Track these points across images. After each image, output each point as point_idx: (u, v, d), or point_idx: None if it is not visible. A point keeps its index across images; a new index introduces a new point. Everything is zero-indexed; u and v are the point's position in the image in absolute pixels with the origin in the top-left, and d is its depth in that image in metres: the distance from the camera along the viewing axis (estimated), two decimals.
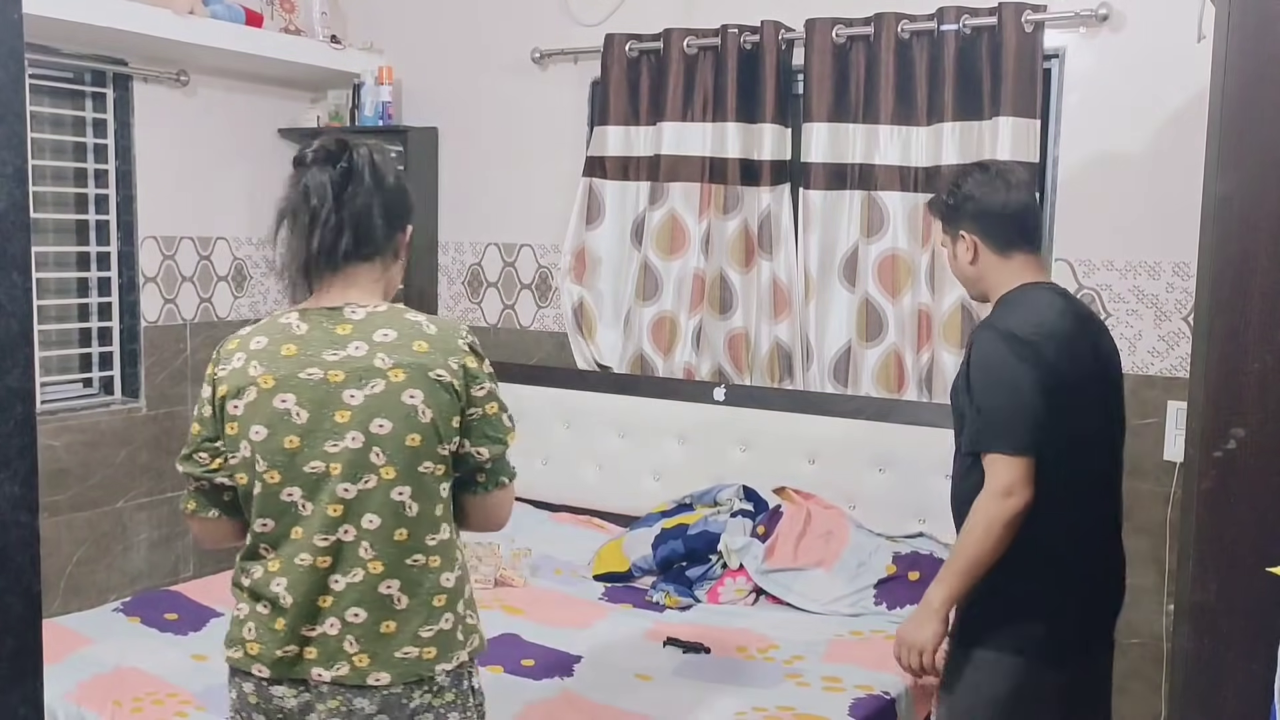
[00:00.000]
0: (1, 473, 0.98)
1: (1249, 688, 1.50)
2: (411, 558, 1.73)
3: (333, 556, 1.72)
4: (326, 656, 1.73)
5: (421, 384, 1.71)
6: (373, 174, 1.78)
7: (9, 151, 0.96)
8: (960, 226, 2.29)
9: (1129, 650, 3.36)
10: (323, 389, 1.72)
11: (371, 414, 1.70)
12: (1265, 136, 1.46)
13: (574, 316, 4.04)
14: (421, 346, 1.74)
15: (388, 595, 1.72)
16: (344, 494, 1.71)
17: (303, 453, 1.72)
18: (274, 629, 1.75)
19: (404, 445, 1.71)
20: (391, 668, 1.72)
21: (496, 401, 1.79)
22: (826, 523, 3.40)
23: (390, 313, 1.78)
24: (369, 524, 1.72)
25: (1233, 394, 1.50)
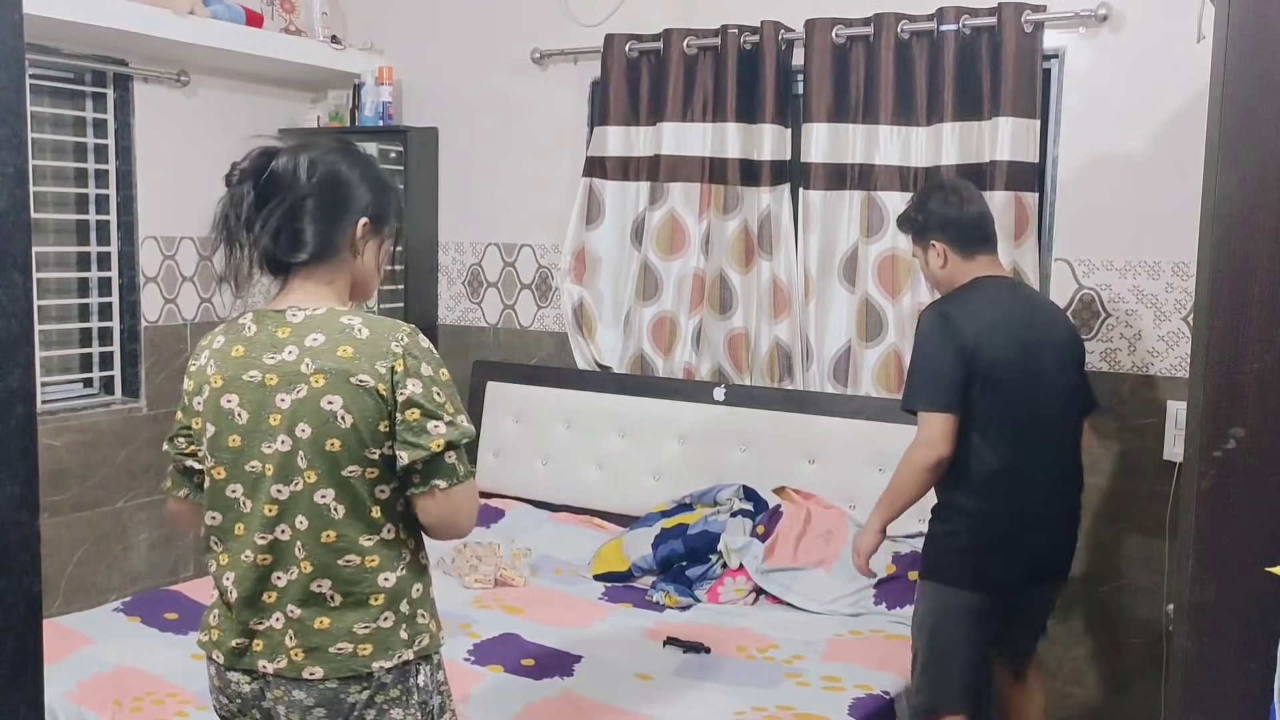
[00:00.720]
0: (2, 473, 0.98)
1: (1249, 687, 1.50)
2: (344, 558, 1.74)
3: (272, 555, 1.77)
4: (270, 650, 1.77)
5: (342, 389, 1.71)
6: (302, 177, 1.78)
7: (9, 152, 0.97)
8: (930, 237, 2.73)
9: (1129, 650, 3.36)
10: (260, 391, 1.77)
11: (296, 418, 1.73)
12: (1265, 136, 1.46)
13: (574, 316, 4.04)
14: (346, 352, 1.73)
15: (319, 594, 1.75)
16: (277, 495, 1.75)
17: (244, 452, 1.78)
18: (228, 620, 1.81)
19: (324, 450, 1.72)
20: (325, 663, 1.74)
21: (419, 408, 1.71)
22: (826, 522, 3.40)
23: (326, 316, 1.77)
24: (300, 525, 1.75)
25: (1232, 394, 1.50)
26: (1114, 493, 3.34)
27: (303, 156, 1.81)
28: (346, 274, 1.85)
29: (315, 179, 1.79)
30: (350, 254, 1.83)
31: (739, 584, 3.32)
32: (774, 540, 3.36)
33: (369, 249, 1.86)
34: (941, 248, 2.71)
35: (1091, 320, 3.35)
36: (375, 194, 1.86)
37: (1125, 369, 3.33)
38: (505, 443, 4.13)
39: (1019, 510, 2.62)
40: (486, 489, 4.15)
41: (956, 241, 2.70)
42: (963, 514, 2.64)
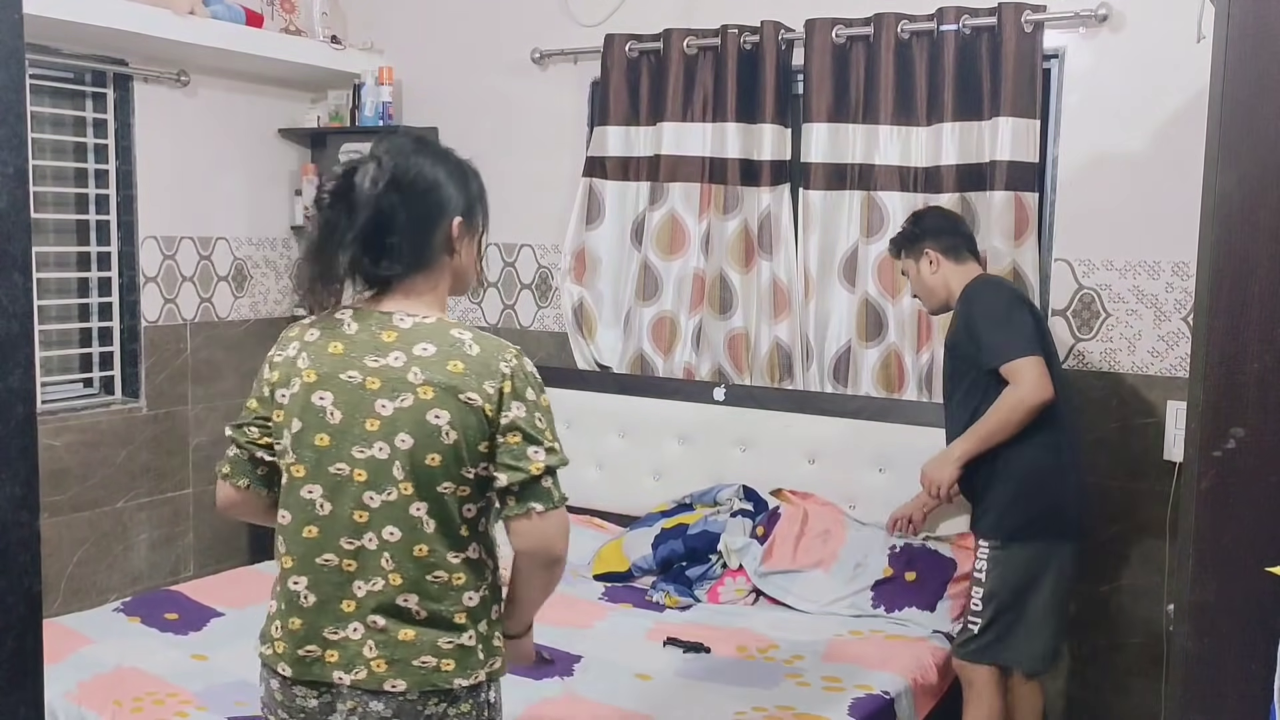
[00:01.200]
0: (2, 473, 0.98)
1: (1249, 687, 1.50)
2: (433, 574, 1.71)
3: (357, 562, 1.72)
4: (347, 660, 1.72)
5: (449, 405, 1.68)
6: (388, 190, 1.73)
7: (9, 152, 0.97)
8: (923, 245, 2.94)
9: (1129, 650, 3.36)
10: (358, 394, 1.71)
11: (398, 427, 1.69)
12: (1265, 136, 1.46)
13: (574, 316, 4.04)
14: (457, 367, 1.70)
15: (406, 608, 1.71)
16: (369, 502, 1.71)
17: (330, 452, 1.72)
18: (292, 629, 1.74)
19: (423, 463, 1.69)
20: (408, 676, 1.71)
21: (521, 432, 1.70)
22: (823, 521, 3.40)
23: (436, 326, 1.74)
24: (389, 535, 1.71)
25: (1232, 394, 1.50)
26: (1114, 493, 3.34)
27: (385, 168, 1.74)
28: (446, 275, 1.81)
29: (402, 189, 1.74)
30: (448, 255, 1.79)
31: (739, 584, 3.32)
32: (772, 542, 3.36)
33: (464, 245, 1.81)
34: (934, 254, 2.93)
35: (1091, 320, 3.35)
36: (463, 189, 1.81)
37: (1125, 369, 3.33)
38: None
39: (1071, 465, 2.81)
40: None
41: (948, 248, 2.93)
42: (1041, 473, 2.76)
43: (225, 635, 2.96)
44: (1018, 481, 2.77)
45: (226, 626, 3.04)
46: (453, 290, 1.85)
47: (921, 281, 2.97)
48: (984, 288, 2.86)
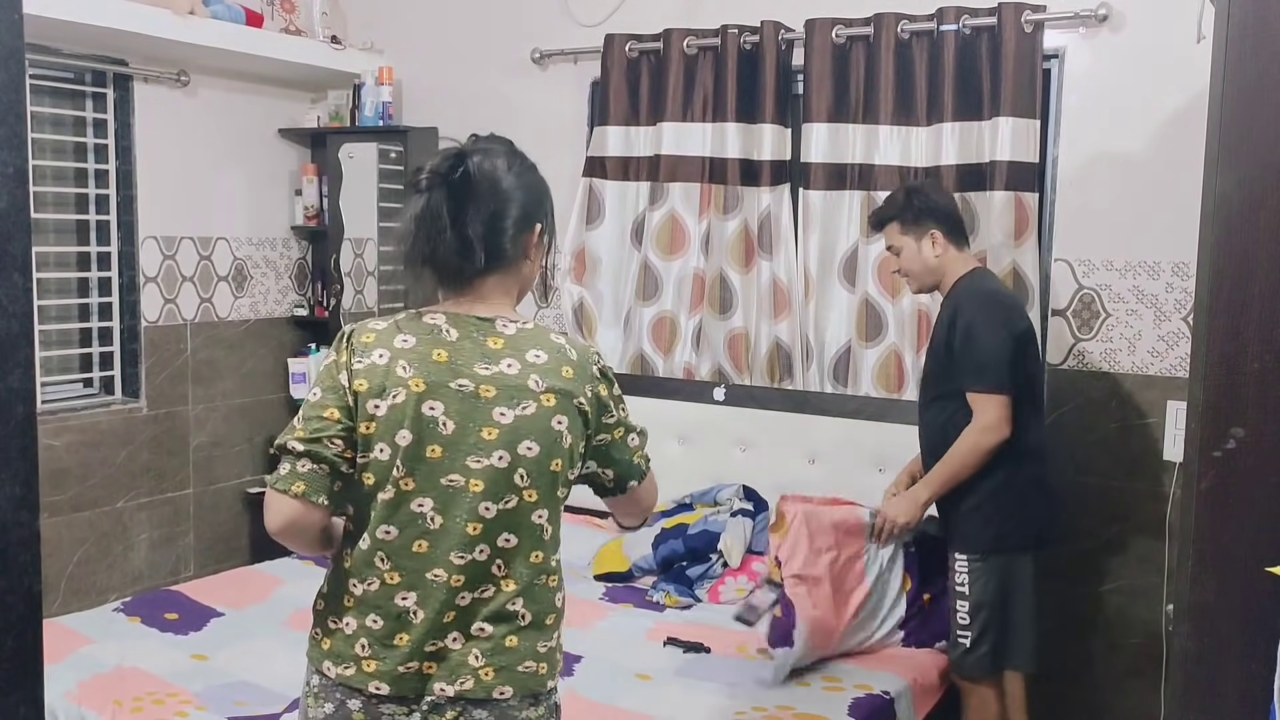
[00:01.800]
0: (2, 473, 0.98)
1: (1248, 687, 1.50)
2: (540, 578, 1.73)
3: (466, 575, 1.69)
4: (449, 671, 1.69)
5: (568, 410, 1.71)
6: (502, 183, 1.74)
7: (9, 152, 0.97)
8: (928, 225, 2.83)
9: (1129, 650, 3.36)
10: (471, 402, 1.68)
11: (521, 435, 1.68)
12: (1265, 136, 1.46)
13: (574, 316, 4.04)
14: (569, 372, 1.72)
15: (514, 612, 1.71)
16: (485, 513, 1.68)
17: (443, 464, 1.67)
18: (394, 645, 1.69)
19: (548, 469, 1.70)
20: (515, 682, 1.70)
21: (624, 426, 1.82)
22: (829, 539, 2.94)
23: (538, 333, 1.76)
24: (505, 543, 1.69)
25: (1232, 394, 1.50)
26: (1114, 493, 3.34)
27: (498, 160, 1.76)
28: (521, 280, 1.82)
29: (512, 185, 1.75)
30: (525, 259, 1.80)
31: (739, 583, 3.32)
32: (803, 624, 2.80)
33: (536, 254, 1.82)
34: (940, 236, 2.83)
35: (1091, 320, 3.35)
36: (545, 201, 1.83)
37: (1125, 369, 3.33)
38: None
39: (1045, 473, 2.85)
40: None
41: (954, 232, 2.86)
42: (1017, 486, 2.78)
43: (225, 635, 2.96)
44: (989, 496, 2.78)
45: (226, 626, 3.04)
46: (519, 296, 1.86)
47: (921, 260, 2.84)
48: (985, 300, 2.77)
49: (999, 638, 2.81)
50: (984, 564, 2.79)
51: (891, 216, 2.90)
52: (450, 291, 1.77)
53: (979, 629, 2.80)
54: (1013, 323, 2.75)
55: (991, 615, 2.80)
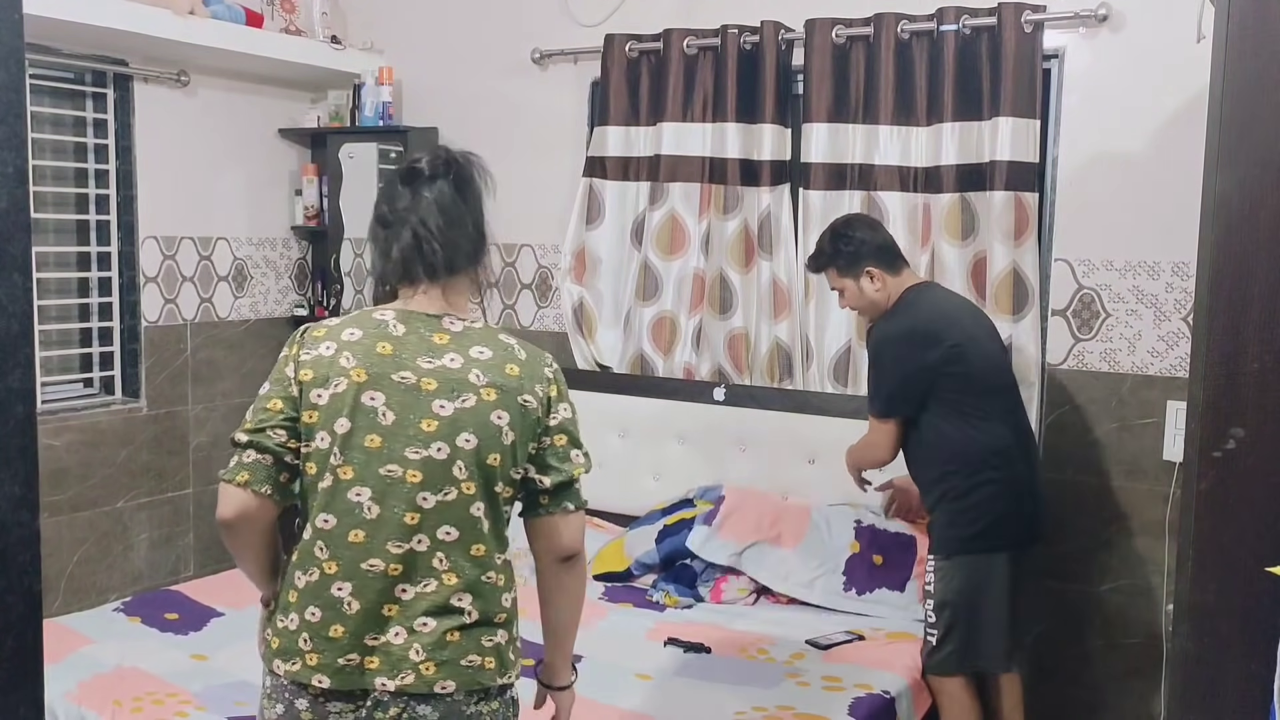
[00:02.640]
0: (2, 473, 0.98)
1: (1248, 688, 1.50)
2: (486, 574, 1.76)
3: (404, 565, 1.70)
4: (391, 665, 1.70)
5: (510, 407, 1.74)
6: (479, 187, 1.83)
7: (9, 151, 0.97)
8: (864, 265, 2.91)
9: (1129, 650, 3.36)
10: (412, 394, 1.72)
11: (460, 427, 1.71)
12: (1264, 136, 1.47)
13: (574, 316, 4.04)
14: (514, 370, 1.76)
15: (460, 608, 1.73)
16: (423, 503, 1.70)
17: (381, 454, 1.70)
18: (331, 636, 1.70)
19: (485, 463, 1.72)
20: (458, 676, 1.72)
21: (567, 434, 1.81)
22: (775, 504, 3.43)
23: (486, 331, 1.80)
24: (445, 535, 1.71)
25: (1232, 394, 1.50)
26: (1114, 493, 3.34)
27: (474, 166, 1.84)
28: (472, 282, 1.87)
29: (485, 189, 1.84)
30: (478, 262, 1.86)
31: (741, 582, 3.32)
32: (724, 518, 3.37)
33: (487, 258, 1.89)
34: (878, 272, 2.91)
35: (1091, 320, 3.35)
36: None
37: (1125, 369, 3.33)
38: None
39: (1013, 474, 2.84)
40: None
41: (888, 262, 2.94)
42: (975, 487, 2.81)
43: (225, 635, 2.96)
44: (945, 500, 2.86)
45: (226, 626, 3.03)
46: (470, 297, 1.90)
47: (864, 298, 2.94)
48: (892, 334, 2.88)
49: (965, 636, 2.83)
50: (949, 564, 2.84)
51: (824, 265, 2.99)
52: (410, 288, 1.80)
53: (944, 627, 2.84)
54: (919, 355, 2.81)
55: (956, 614, 2.83)
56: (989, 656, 2.88)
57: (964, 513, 2.83)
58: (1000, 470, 2.82)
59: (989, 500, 2.82)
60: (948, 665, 2.86)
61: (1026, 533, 2.89)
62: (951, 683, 2.87)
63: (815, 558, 3.29)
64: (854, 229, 2.96)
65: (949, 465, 2.84)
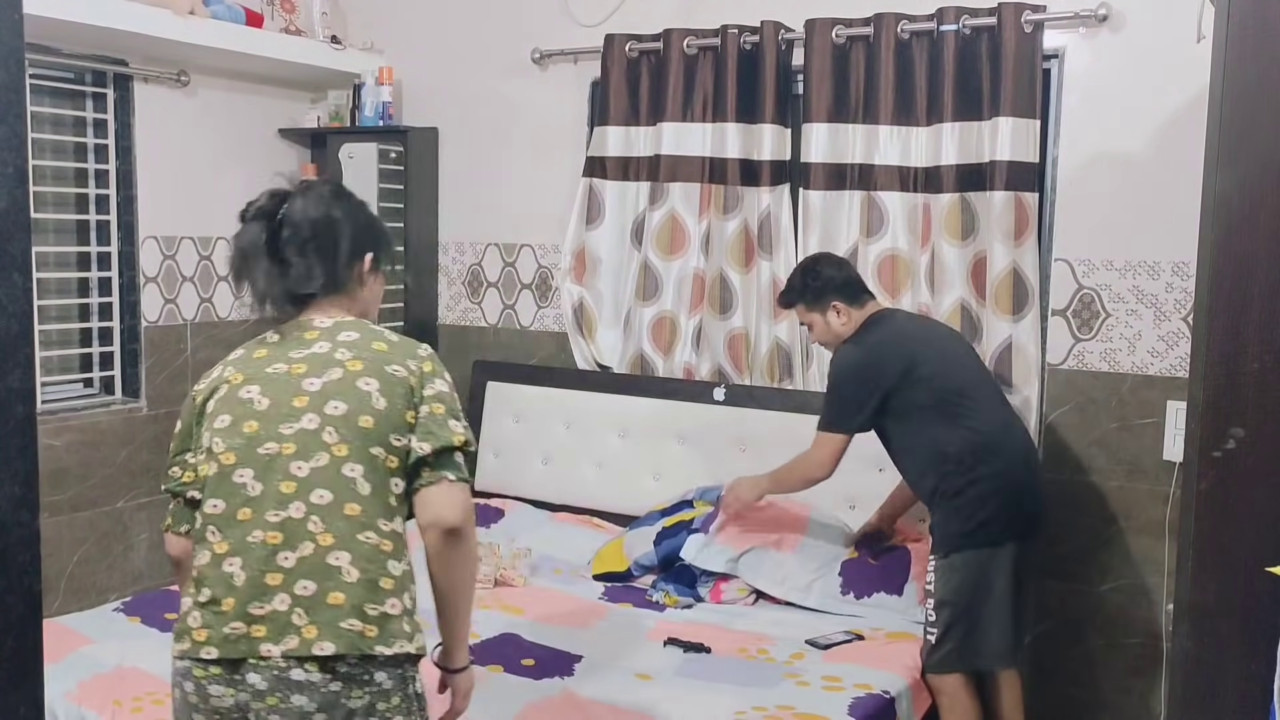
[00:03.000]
0: (2, 473, 0.98)
1: (1248, 688, 1.50)
2: (364, 534, 1.78)
3: (283, 533, 1.77)
4: (276, 632, 1.74)
5: (377, 375, 1.83)
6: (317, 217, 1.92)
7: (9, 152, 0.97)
8: (830, 300, 3.05)
9: (1129, 650, 3.36)
10: (285, 380, 1.84)
11: (327, 397, 1.81)
12: (1264, 136, 1.47)
13: (574, 316, 4.04)
14: (381, 346, 1.87)
15: (336, 566, 1.75)
16: (296, 471, 1.78)
17: (259, 436, 1.81)
18: (221, 610, 1.76)
19: (356, 425, 1.80)
20: (337, 638, 1.73)
21: (444, 404, 1.85)
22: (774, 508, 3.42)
23: (356, 323, 1.93)
24: (319, 499, 1.77)
25: (1232, 394, 1.50)
26: (1114, 493, 3.34)
27: (313, 198, 1.94)
28: (356, 304, 1.99)
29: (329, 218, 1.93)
30: (359, 285, 1.99)
31: (740, 583, 3.32)
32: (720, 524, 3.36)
33: (371, 282, 2.02)
34: (842, 306, 3.05)
35: (1091, 320, 3.35)
36: (374, 234, 2.03)
37: (1125, 369, 3.33)
38: (505, 443, 4.13)
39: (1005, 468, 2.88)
40: (486, 489, 4.15)
41: (852, 296, 3.07)
42: (969, 484, 2.85)
43: None
44: (937, 501, 2.92)
45: None
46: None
47: (831, 332, 3.08)
48: (849, 359, 3.02)
49: (965, 633, 2.85)
50: (947, 562, 2.87)
51: (794, 300, 3.12)
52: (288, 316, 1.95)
53: (944, 625, 2.85)
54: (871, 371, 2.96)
55: (955, 613, 2.84)
56: (988, 653, 2.88)
57: (960, 509, 2.85)
58: (992, 465, 2.85)
59: (984, 495, 2.84)
60: (947, 663, 2.87)
61: (1025, 525, 2.90)
62: (951, 682, 2.87)
63: (813, 561, 3.29)
64: (821, 266, 3.12)
65: (942, 465, 2.88)
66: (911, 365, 2.92)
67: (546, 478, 4.00)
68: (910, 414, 2.92)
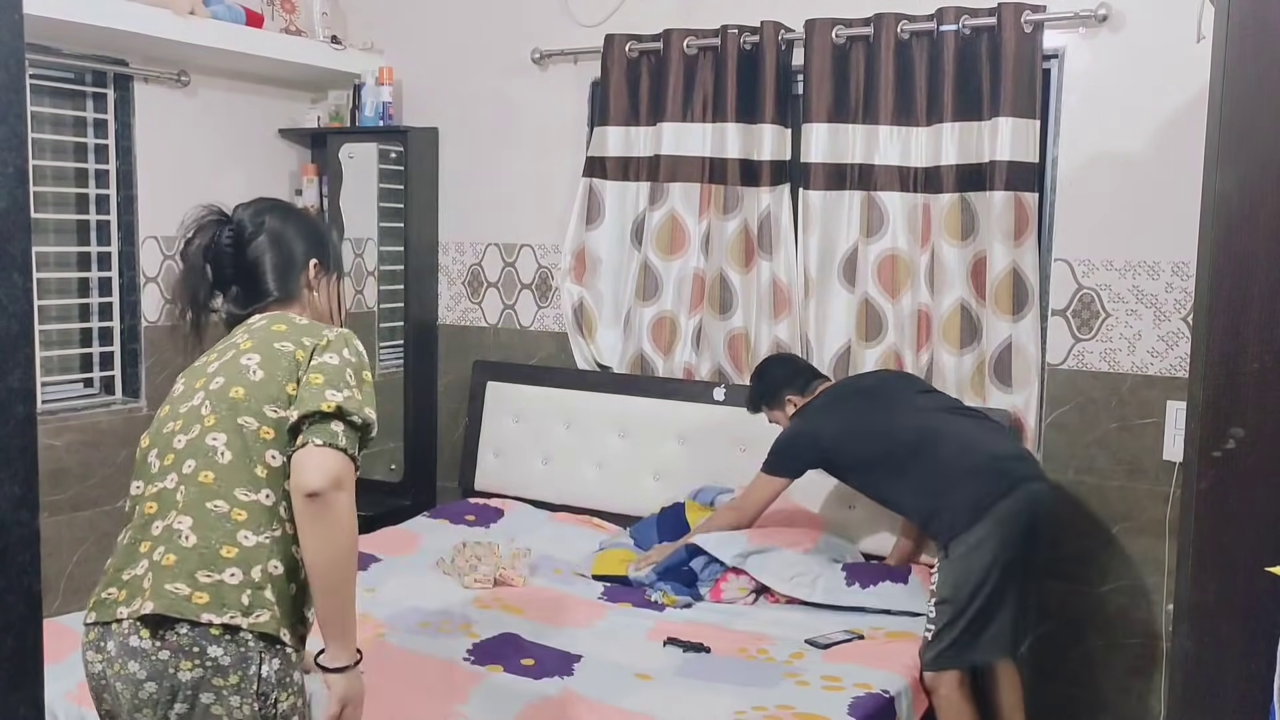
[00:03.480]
0: (2, 473, 0.98)
1: (1248, 688, 1.50)
2: (213, 502, 1.77)
3: (158, 503, 1.81)
4: (130, 596, 1.75)
5: (261, 349, 1.88)
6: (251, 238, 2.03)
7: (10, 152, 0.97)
8: (783, 395, 3.28)
9: (1129, 650, 3.36)
10: (199, 370, 1.96)
11: (214, 376, 1.89)
12: (1264, 136, 1.47)
13: (574, 316, 4.04)
14: (280, 328, 1.92)
15: (178, 530, 1.76)
16: (177, 445, 1.85)
17: (165, 418, 1.92)
18: (105, 577, 1.82)
19: (227, 396, 1.84)
20: (159, 598, 1.70)
21: (324, 374, 1.81)
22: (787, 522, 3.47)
23: (282, 316, 1.99)
24: (187, 469, 1.81)
25: (1232, 394, 1.50)
26: (1114, 493, 3.34)
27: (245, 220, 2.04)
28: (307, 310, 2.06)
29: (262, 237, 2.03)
30: (308, 291, 2.06)
31: (741, 582, 3.32)
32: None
33: (322, 286, 2.09)
34: (795, 399, 3.26)
35: (1091, 320, 3.35)
36: (315, 241, 2.09)
37: (1125, 369, 3.33)
38: (505, 443, 4.12)
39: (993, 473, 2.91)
40: (487, 489, 4.15)
41: (801, 388, 3.27)
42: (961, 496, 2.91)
43: None
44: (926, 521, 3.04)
45: None
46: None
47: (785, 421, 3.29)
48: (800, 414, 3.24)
49: (963, 628, 2.86)
50: (946, 563, 2.91)
51: (758, 406, 3.35)
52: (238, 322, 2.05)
53: (942, 622, 2.87)
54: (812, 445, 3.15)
55: (955, 610, 2.86)
56: (985, 647, 2.88)
57: (953, 510, 2.90)
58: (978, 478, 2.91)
59: (977, 497, 2.87)
60: (943, 660, 2.86)
61: (1022, 522, 2.88)
62: (946, 681, 2.87)
63: (819, 560, 3.30)
64: (769, 369, 3.37)
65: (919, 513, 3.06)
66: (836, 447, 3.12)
67: (546, 478, 4.00)
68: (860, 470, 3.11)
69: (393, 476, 4.40)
